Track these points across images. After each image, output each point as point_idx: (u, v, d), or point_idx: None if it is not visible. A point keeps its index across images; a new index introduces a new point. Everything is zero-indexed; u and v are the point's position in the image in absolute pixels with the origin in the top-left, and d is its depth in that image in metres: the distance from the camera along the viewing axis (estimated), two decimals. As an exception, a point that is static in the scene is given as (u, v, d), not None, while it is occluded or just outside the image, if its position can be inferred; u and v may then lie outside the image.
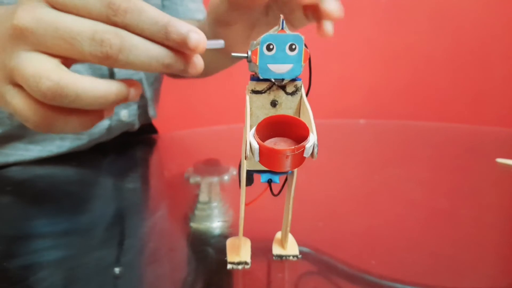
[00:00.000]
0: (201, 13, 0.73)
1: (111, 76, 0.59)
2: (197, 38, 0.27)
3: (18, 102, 0.30)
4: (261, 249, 0.33)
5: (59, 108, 0.30)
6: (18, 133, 0.56)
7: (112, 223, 0.40)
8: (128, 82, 0.31)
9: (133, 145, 0.68)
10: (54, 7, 0.27)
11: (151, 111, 0.71)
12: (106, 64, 0.27)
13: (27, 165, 0.57)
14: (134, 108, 0.66)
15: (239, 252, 0.31)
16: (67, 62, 0.29)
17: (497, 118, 1.43)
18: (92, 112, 0.32)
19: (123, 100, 0.30)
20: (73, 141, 0.59)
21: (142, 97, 0.67)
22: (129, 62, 0.27)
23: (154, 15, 0.26)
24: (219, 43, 0.28)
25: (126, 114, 0.64)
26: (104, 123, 0.61)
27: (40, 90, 0.27)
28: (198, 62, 0.29)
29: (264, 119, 0.25)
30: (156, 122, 0.81)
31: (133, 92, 0.31)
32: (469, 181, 0.54)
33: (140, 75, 0.63)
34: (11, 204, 0.45)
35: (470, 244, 0.37)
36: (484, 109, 1.44)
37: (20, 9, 0.27)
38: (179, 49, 0.28)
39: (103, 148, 0.64)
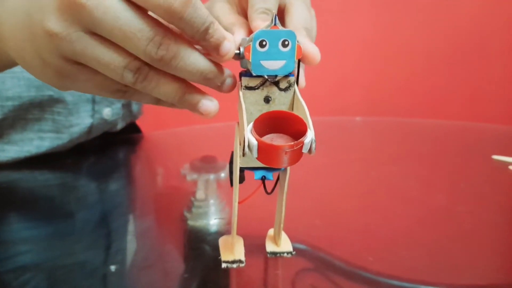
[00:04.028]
0: None
1: None
2: (229, 47, 0.28)
3: (113, 55, 0.28)
4: (255, 247, 0.33)
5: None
6: None
7: (99, 226, 0.40)
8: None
9: (115, 145, 0.66)
10: None
11: (134, 108, 0.69)
12: (155, 64, 0.27)
13: (2, 170, 0.54)
14: (117, 106, 0.63)
15: (233, 251, 0.31)
16: None
17: (494, 116, 1.43)
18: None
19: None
20: (53, 141, 0.57)
21: None
22: (178, 68, 0.27)
23: (204, 14, 0.26)
24: None
25: (109, 113, 0.61)
26: (86, 122, 0.59)
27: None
28: (232, 84, 0.30)
29: (261, 115, 0.24)
30: (150, 120, 0.80)
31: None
32: (466, 178, 0.54)
33: None
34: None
35: (466, 240, 0.38)
36: (480, 106, 1.44)
37: None
38: (209, 50, 0.28)
39: (82, 149, 0.61)
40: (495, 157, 0.59)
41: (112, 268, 0.31)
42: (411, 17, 1.39)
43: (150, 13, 0.27)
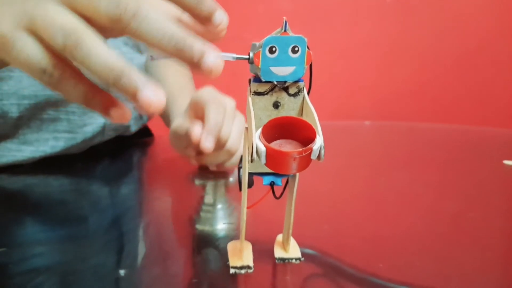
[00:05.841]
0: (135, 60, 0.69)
1: None
2: (222, 17, 0.27)
3: (32, 50, 0.28)
4: (263, 252, 0.33)
5: (71, 69, 0.28)
6: (10, 133, 0.55)
7: (109, 230, 0.40)
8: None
9: (128, 148, 0.66)
10: None
11: None
12: (117, 28, 0.26)
13: (17, 174, 0.55)
14: (130, 106, 0.63)
15: (241, 256, 0.31)
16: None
17: (505, 120, 1.41)
18: (99, 91, 0.30)
19: (121, 91, 0.27)
20: (67, 141, 0.58)
21: None
22: (139, 31, 0.26)
23: None
24: (231, 56, 0.28)
25: None
26: (99, 121, 0.60)
27: (61, 40, 0.26)
28: (215, 64, 0.25)
29: (270, 121, 0.24)
30: (162, 123, 0.80)
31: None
32: (477, 184, 0.54)
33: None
34: (2, 214, 0.44)
35: (478, 247, 0.37)
36: (491, 110, 1.43)
37: None
38: (202, 22, 0.27)
39: (96, 153, 0.62)
40: (506, 162, 0.58)
41: (121, 272, 0.31)
42: (422, 21, 1.39)
43: None
